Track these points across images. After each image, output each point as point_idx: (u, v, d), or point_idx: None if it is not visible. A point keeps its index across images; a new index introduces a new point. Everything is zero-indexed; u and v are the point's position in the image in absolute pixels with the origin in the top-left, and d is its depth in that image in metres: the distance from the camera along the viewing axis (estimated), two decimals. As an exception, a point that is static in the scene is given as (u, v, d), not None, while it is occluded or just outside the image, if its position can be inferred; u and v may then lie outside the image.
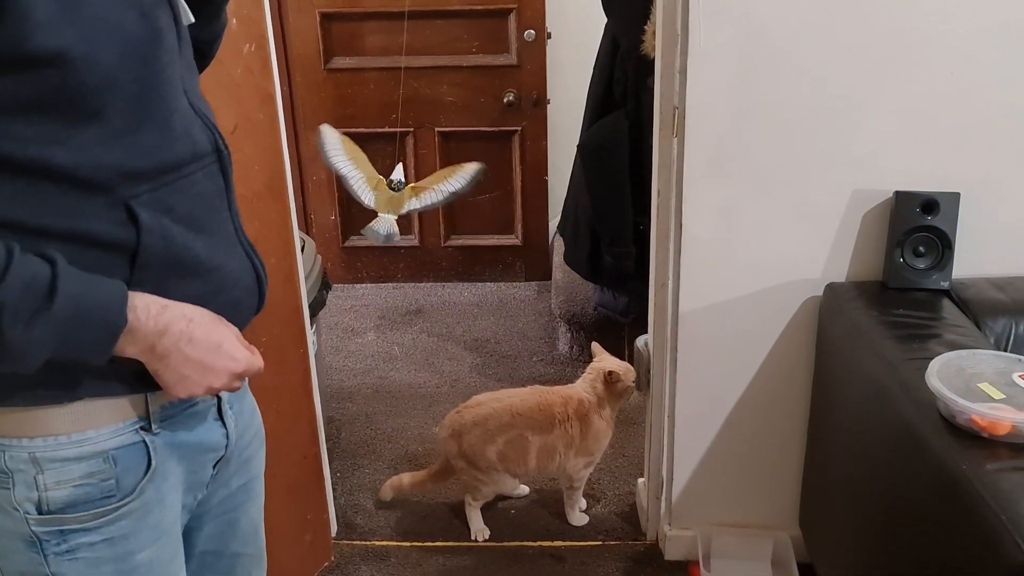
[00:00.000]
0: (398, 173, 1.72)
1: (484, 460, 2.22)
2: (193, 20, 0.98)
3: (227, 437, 1.07)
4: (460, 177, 1.73)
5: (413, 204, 1.75)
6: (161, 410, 0.97)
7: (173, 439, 0.99)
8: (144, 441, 0.95)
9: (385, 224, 1.75)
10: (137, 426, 0.95)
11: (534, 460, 2.22)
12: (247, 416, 1.14)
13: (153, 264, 0.90)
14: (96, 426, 0.92)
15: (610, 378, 2.20)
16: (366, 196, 1.71)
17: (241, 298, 1.01)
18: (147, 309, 0.89)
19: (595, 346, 2.37)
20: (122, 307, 0.86)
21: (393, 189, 1.71)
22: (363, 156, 1.70)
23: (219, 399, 1.05)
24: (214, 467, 1.07)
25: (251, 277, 1.02)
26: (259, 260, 1.04)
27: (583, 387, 2.26)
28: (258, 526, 1.22)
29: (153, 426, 0.96)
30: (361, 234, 1.89)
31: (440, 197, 1.74)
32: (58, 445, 0.90)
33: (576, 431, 2.22)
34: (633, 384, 2.23)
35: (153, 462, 0.96)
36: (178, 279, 0.92)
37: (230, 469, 1.11)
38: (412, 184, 1.72)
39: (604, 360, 2.29)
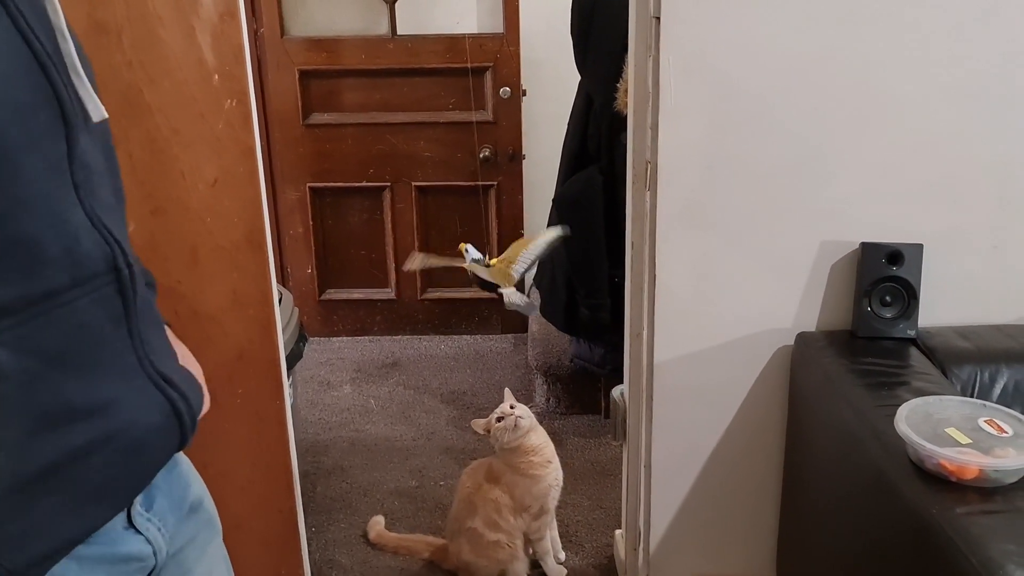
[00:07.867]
0: (472, 253, 1.83)
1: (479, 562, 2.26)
2: (106, 116, 0.81)
3: (150, 544, 0.89)
4: (542, 241, 1.88)
5: (517, 269, 1.87)
6: None
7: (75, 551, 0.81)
8: None
9: (517, 294, 1.85)
10: None
11: (496, 535, 2.22)
12: (174, 520, 0.94)
13: (13, 421, 0.73)
14: None
15: (498, 424, 2.19)
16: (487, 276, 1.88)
17: (145, 438, 0.84)
18: None
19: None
20: None
21: (484, 266, 1.84)
22: (446, 259, 1.85)
23: (128, 509, 0.87)
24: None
25: (160, 413, 0.85)
26: (177, 391, 0.87)
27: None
28: None
29: None
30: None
31: (533, 256, 1.88)
32: None
33: (498, 493, 2.21)
34: (515, 423, 2.17)
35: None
36: (48, 432, 0.75)
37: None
38: (495, 259, 1.84)
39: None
